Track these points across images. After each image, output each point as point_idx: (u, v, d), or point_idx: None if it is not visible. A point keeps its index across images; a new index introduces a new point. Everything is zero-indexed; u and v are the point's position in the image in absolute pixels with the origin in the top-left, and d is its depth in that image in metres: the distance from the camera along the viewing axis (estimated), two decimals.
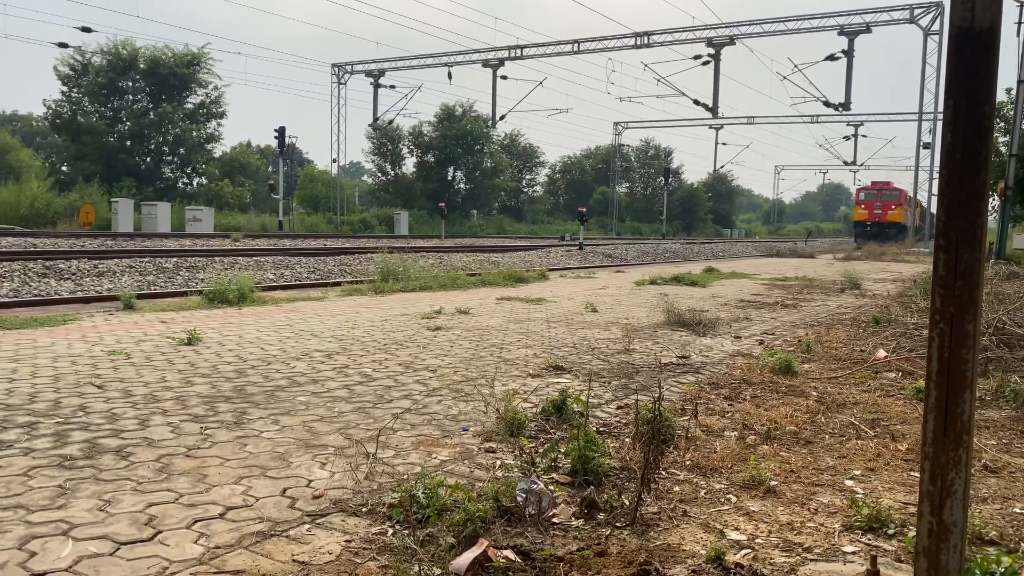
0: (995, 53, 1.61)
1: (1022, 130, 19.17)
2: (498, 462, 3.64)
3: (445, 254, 22.91)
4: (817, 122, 58.75)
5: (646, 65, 39.88)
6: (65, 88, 45.76)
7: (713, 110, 38.67)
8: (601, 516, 3.04)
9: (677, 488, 3.37)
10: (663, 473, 3.51)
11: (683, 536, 2.87)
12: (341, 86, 50.55)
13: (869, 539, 2.90)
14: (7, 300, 10.08)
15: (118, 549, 2.60)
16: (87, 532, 2.72)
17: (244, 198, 52.47)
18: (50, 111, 46.25)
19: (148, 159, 47.93)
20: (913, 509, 3.08)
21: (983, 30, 1.60)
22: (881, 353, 6.76)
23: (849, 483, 3.52)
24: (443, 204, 43.47)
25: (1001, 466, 3.80)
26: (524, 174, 75.10)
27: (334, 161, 52.71)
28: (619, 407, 4.81)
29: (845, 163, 64.16)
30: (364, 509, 3.02)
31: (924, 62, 38.73)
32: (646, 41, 40.02)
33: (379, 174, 64.93)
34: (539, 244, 35.76)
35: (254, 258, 17.98)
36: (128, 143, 46.58)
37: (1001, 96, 24.39)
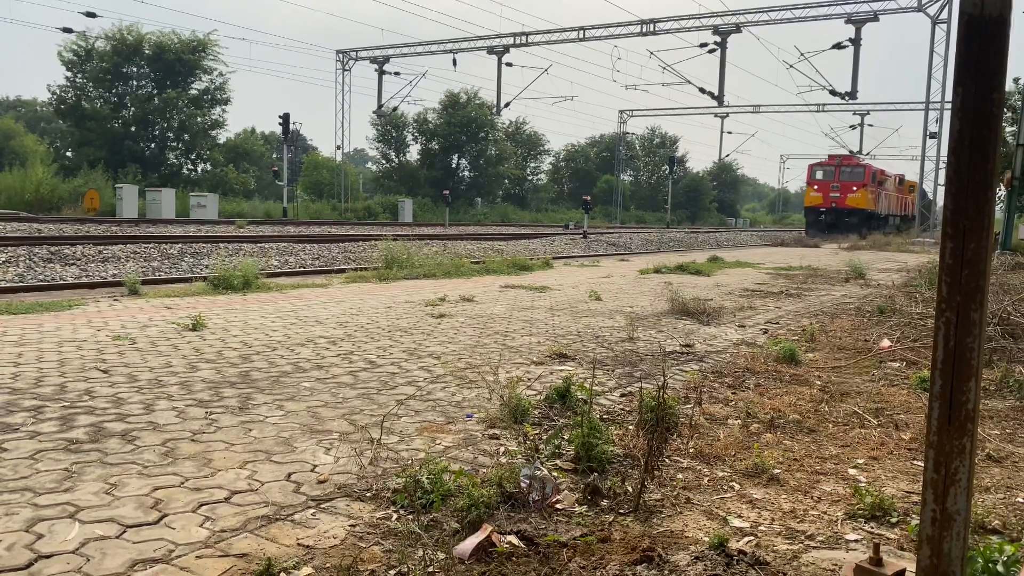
0: (1005, 41, 1.60)
1: None
2: (502, 448, 3.66)
3: (449, 242, 22.90)
4: (823, 111, 58.38)
5: (652, 53, 39.72)
6: (69, 73, 45.72)
7: (719, 98, 38.46)
8: (604, 503, 3.05)
9: (680, 475, 3.38)
10: (666, 460, 3.51)
11: (686, 523, 2.88)
12: (346, 73, 50.40)
13: (872, 527, 2.90)
14: (12, 285, 10.12)
15: (124, 532, 2.62)
16: (93, 515, 2.74)
17: (248, 184, 52.47)
18: (55, 96, 46.21)
19: (153, 145, 47.91)
20: (916, 498, 3.09)
21: (993, 18, 1.59)
22: (885, 343, 6.75)
23: (852, 472, 3.53)
24: (447, 192, 43.41)
25: (1005, 456, 3.81)
26: (528, 162, 74.98)
27: (338, 148, 52.61)
28: (623, 395, 4.82)
29: (851, 152, 63.91)
30: (368, 494, 3.04)
31: (932, 51, 38.43)
32: (652, 29, 39.78)
33: (383, 161, 64.86)
34: (543, 232, 35.73)
35: (258, 244, 18.00)
36: (133, 129, 46.55)
37: (1009, 86, 24.23)
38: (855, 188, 41.29)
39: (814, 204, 42.94)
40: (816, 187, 42.95)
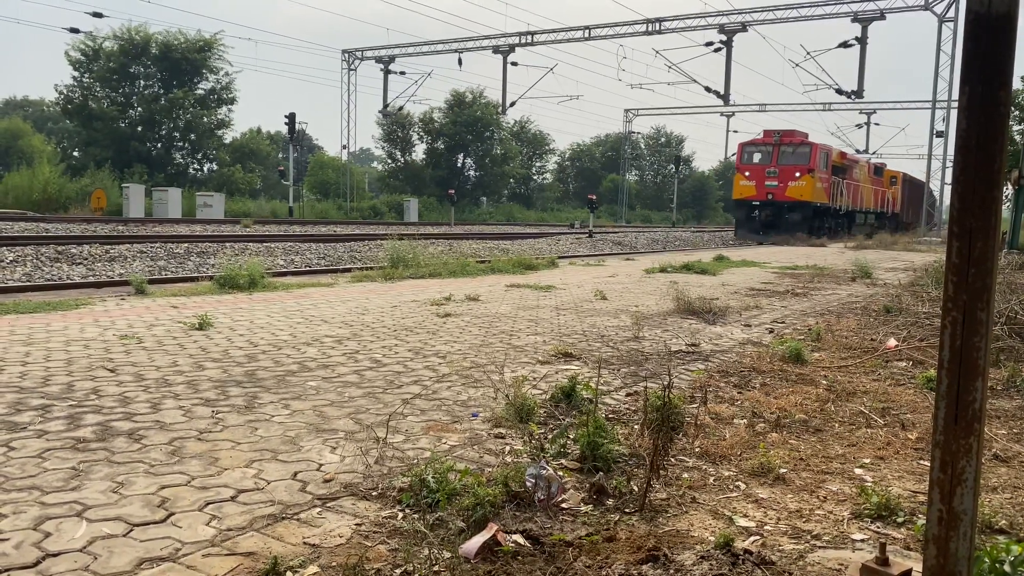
0: (1012, 39, 1.60)
1: None
2: (507, 447, 3.66)
3: (454, 241, 22.92)
4: (829, 110, 58.24)
5: (657, 52, 39.64)
6: (76, 74, 45.88)
7: (725, 97, 38.40)
8: (610, 502, 3.05)
9: (686, 475, 3.38)
10: (672, 460, 3.51)
11: (692, 522, 2.88)
12: (351, 72, 50.46)
13: (878, 527, 2.90)
14: (20, 284, 10.16)
15: (131, 530, 2.63)
16: (100, 513, 2.75)
17: (254, 184, 52.61)
18: (62, 96, 46.36)
19: (159, 145, 48.04)
20: (922, 498, 3.08)
21: (1000, 15, 1.58)
22: (892, 342, 6.73)
23: (858, 471, 3.52)
24: (453, 191, 43.43)
25: (1011, 455, 3.79)
26: (534, 161, 74.97)
27: (344, 147, 52.68)
28: (628, 394, 4.81)
29: (857, 151, 63.66)
30: (374, 493, 3.04)
31: (939, 49, 38.31)
32: (658, 27, 39.75)
33: (389, 160, 64.89)
34: (548, 232, 35.73)
35: (264, 244, 18.04)
36: (139, 129, 46.69)
37: (1016, 84, 24.09)
38: (798, 174, 31.61)
39: (744, 196, 33.25)
40: (748, 173, 33.22)
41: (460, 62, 46.07)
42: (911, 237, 36.44)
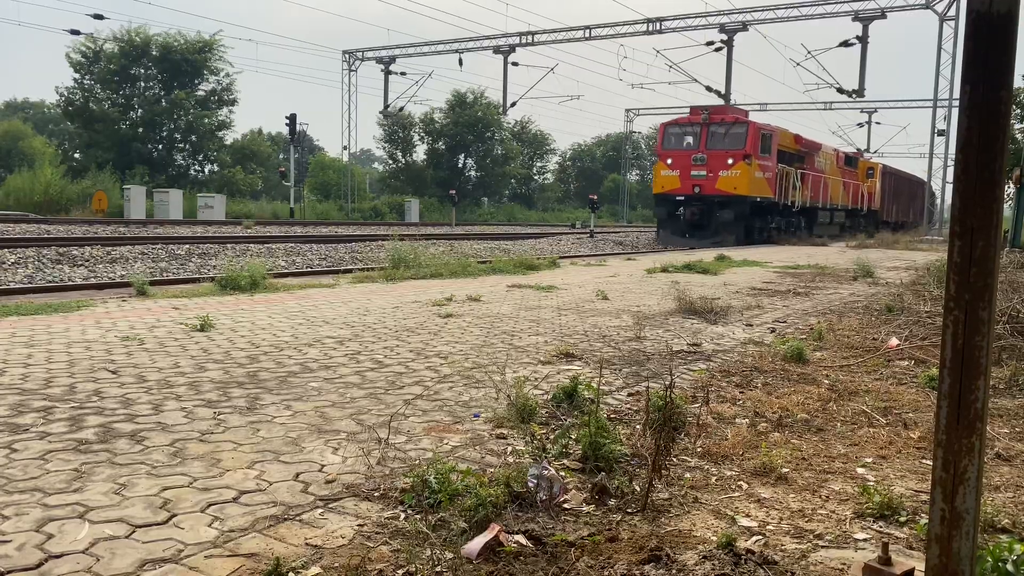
0: (1013, 38, 1.60)
1: None
2: (509, 448, 3.66)
3: (456, 241, 22.94)
4: (831, 109, 58.22)
5: (658, 51, 39.59)
6: (77, 75, 45.97)
7: (726, 97, 38.34)
8: (612, 502, 3.05)
9: (688, 475, 3.38)
10: (674, 460, 3.51)
11: (694, 522, 2.87)
12: (352, 73, 50.47)
13: (880, 526, 2.90)
14: (22, 286, 10.17)
15: (133, 532, 2.63)
16: (103, 515, 2.75)
17: (255, 185, 52.74)
18: (63, 98, 46.45)
19: (160, 146, 48.13)
20: (925, 497, 3.08)
21: (1001, 15, 1.59)
22: (894, 341, 6.73)
23: (861, 471, 3.52)
24: (454, 191, 43.44)
25: (1014, 454, 3.79)
26: (535, 161, 75.03)
27: (345, 148, 52.74)
28: (630, 394, 4.81)
29: (859, 150, 63.66)
30: (376, 494, 3.04)
31: (940, 48, 38.31)
32: (658, 27, 39.75)
33: (390, 161, 64.98)
34: (549, 232, 35.76)
35: (266, 245, 18.05)
36: (140, 130, 46.78)
37: (1017, 82, 24.04)
38: (731, 161, 25.60)
39: (666, 189, 27.22)
40: (670, 161, 27.08)
41: (461, 62, 46.08)
42: (913, 236, 36.39)
